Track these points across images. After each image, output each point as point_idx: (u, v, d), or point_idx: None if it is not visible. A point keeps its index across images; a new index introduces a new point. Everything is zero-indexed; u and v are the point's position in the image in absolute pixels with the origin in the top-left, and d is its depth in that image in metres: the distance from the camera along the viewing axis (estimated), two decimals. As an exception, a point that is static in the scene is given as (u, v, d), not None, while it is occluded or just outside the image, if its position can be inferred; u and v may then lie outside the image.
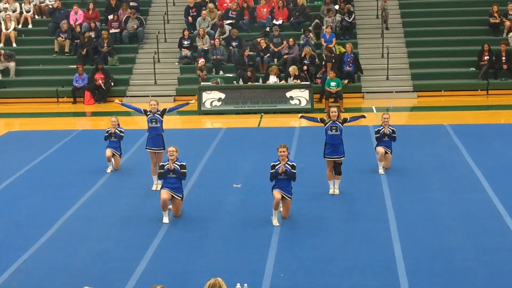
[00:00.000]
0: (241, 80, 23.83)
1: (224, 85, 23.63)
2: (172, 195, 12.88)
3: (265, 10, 27.50)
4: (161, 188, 13.28)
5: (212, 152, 17.80)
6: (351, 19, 26.63)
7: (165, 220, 12.82)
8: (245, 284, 8.85)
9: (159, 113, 14.93)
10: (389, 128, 15.53)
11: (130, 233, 12.50)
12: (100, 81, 24.84)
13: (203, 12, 27.19)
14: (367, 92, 24.88)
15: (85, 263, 11.21)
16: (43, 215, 13.53)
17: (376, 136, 15.64)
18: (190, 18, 27.39)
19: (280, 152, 12.62)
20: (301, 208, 13.33)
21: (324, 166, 14.36)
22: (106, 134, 16.27)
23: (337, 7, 27.26)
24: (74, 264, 11.17)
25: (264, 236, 12.10)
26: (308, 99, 22.86)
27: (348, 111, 22.17)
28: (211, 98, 22.99)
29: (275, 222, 12.59)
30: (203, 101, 22.95)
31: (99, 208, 13.86)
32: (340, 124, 13.97)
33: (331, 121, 13.97)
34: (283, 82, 23.59)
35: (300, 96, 22.90)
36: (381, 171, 15.46)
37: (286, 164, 12.55)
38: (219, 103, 23.02)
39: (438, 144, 18.03)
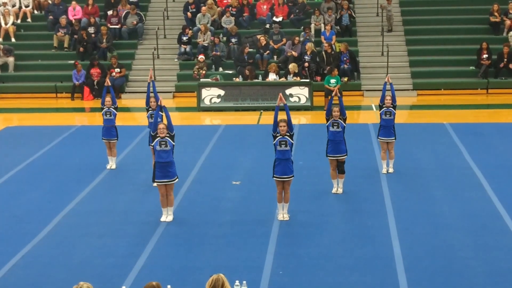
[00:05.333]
0: (240, 77, 23.79)
1: (224, 81, 23.60)
2: (167, 184, 12.61)
3: (265, 7, 27.46)
4: (155, 163, 12.79)
5: (211, 149, 17.77)
6: (343, 15, 26.49)
7: (163, 218, 12.72)
8: (244, 281, 8.82)
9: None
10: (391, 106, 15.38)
11: (129, 228, 12.47)
12: (95, 80, 24.83)
13: (203, 8, 27.14)
14: (366, 90, 24.85)
15: (83, 259, 11.19)
16: (42, 210, 13.50)
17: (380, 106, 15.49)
18: (189, 14, 27.34)
19: (281, 126, 12.60)
20: (301, 206, 13.30)
21: (325, 164, 14.33)
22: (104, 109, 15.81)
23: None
24: (73, 260, 11.15)
25: (263, 233, 12.08)
26: (307, 96, 22.81)
27: (347, 109, 21.93)
28: (211, 94, 22.94)
29: (281, 216, 12.63)
30: (203, 97, 22.91)
31: (98, 204, 13.83)
32: (342, 121, 13.93)
33: (332, 118, 13.94)
34: (283, 79, 23.54)
35: (299, 94, 22.86)
36: (384, 170, 15.38)
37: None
38: (218, 100, 22.97)
39: (438, 143, 18.01)
